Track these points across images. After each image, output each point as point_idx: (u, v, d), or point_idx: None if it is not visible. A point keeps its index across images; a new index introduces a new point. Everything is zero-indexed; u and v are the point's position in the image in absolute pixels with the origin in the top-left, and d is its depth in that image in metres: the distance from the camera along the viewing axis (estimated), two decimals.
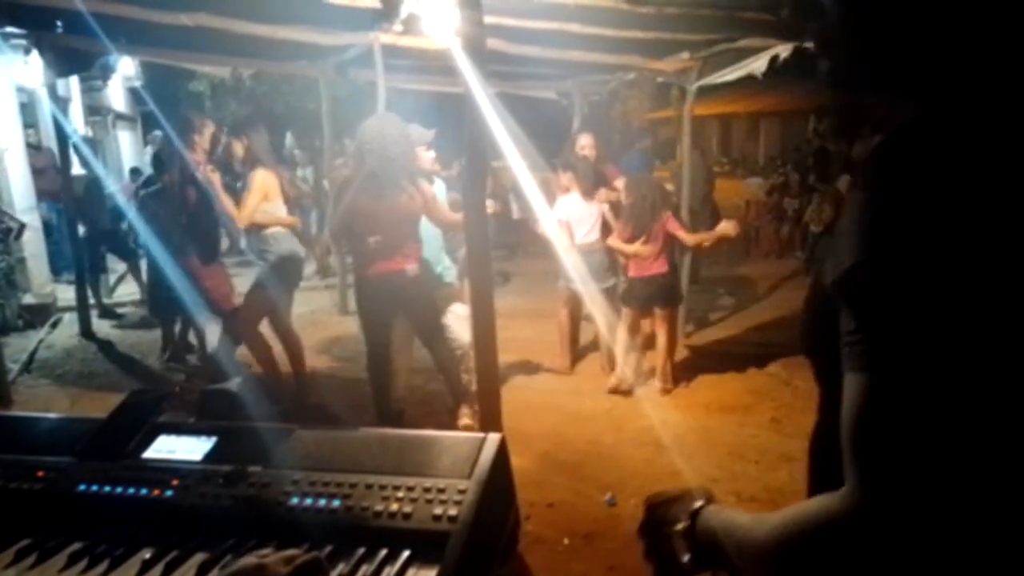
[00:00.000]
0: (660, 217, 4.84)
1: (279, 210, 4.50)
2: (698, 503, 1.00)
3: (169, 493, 1.18)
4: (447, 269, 4.61)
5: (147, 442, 1.31)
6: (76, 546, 1.12)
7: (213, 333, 4.88)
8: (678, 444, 4.15)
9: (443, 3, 3.47)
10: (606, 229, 5.14)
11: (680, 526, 0.99)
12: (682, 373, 5.15)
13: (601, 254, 5.15)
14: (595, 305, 5.19)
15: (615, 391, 4.94)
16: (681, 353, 5.33)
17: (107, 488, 1.20)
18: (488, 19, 3.81)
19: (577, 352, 5.59)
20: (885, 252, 0.69)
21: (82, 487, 1.20)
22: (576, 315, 5.44)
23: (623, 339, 5.05)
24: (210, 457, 1.27)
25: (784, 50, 5.02)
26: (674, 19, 4.34)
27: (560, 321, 5.40)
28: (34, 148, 8.40)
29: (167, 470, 1.24)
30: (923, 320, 0.67)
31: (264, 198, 4.39)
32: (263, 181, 4.40)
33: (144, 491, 1.19)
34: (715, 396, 4.90)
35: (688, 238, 5.10)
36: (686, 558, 0.96)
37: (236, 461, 1.23)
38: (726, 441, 4.21)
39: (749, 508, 3.45)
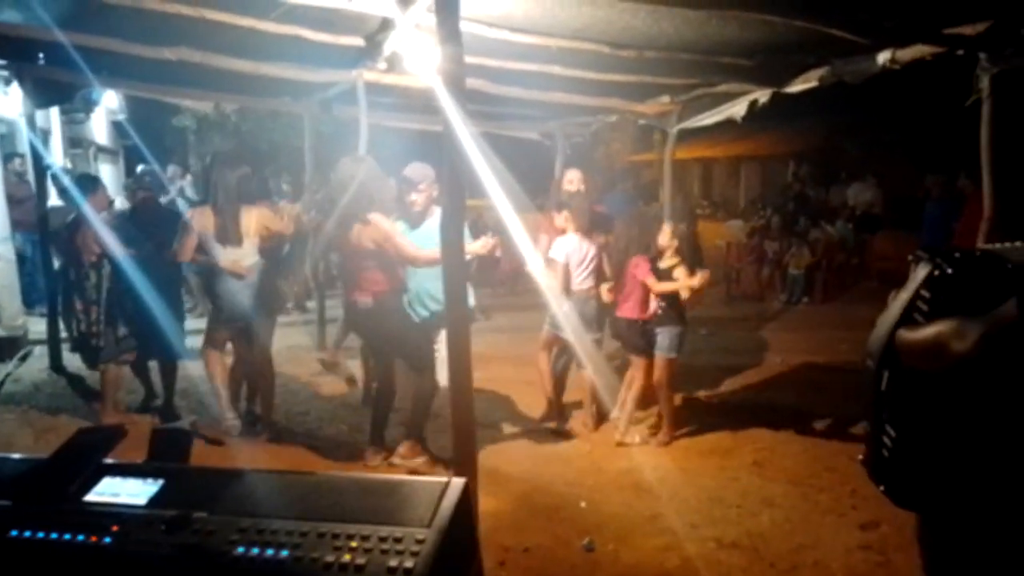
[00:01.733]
0: (632, 259, 4.69)
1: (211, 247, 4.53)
2: None
3: (107, 540, 1.11)
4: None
5: (90, 484, 1.24)
6: None
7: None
8: (658, 487, 4.08)
9: (425, 41, 3.49)
10: (600, 274, 4.87)
11: None
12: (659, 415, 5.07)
13: (595, 302, 4.84)
14: (585, 357, 4.79)
15: (620, 444, 4.73)
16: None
17: (41, 534, 1.12)
18: (471, 59, 3.84)
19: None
20: None
21: (14, 532, 1.13)
22: (559, 360, 5.02)
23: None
24: (155, 501, 1.20)
25: (763, 95, 5.10)
26: (654, 63, 4.38)
27: (541, 368, 4.97)
28: (17, 177, 8.31)
29: (108, 515, 1.16)
30: None
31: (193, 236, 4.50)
32: (195, 219, 4.53)
33: (81, 538, 1.11)
34: (696, 438, 4.83)
35: (655, 285, 4.62)
36: None
37: (182, 506, 1.16)
38: (706, 484, 4.13)
39: (730, 555, 3.38)
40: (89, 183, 5.24)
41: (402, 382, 4.48)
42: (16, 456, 1.37)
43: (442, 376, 4.26)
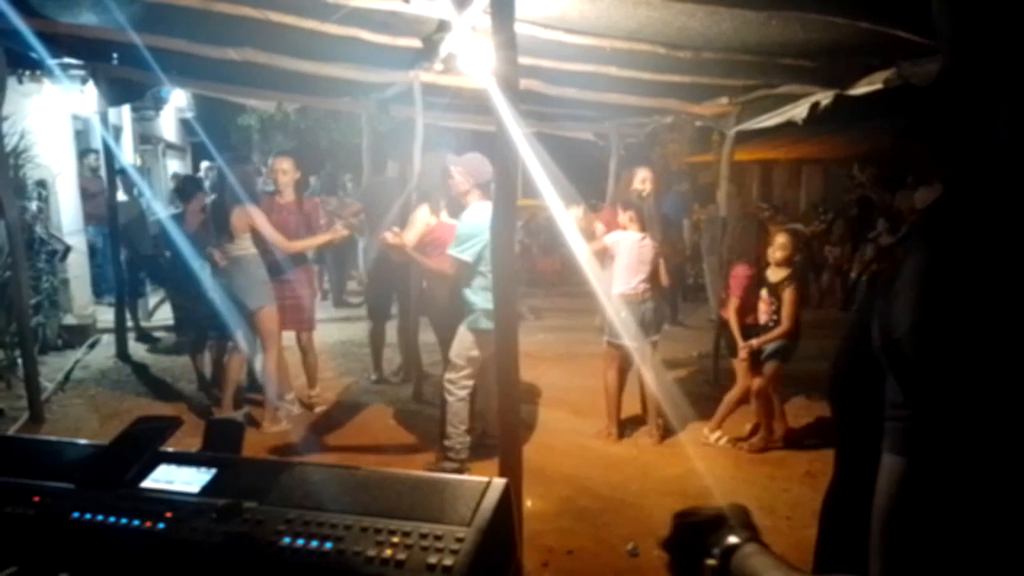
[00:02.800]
0: (736, 266, 4.82)
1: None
2: (733, 539, 0.90)
3: (161, 526, 1.15)
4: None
5: (146, 471, 1.29)
6: None
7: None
8: (706, 495, 4.00)
9: (480, 43, 3.51)
10: (657, 278, 4.76)
11: (711, 562, 0.90)
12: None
13: (652, 303, 4.72)
14: (644, 362, 4.67)
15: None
16: (710, 401, 5.14)
17: (99, 517, 1.17)
18: (526, 60, 3.86)
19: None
20: (944, 324, 0.61)
21: (76, 515, 1.18)
22: (624, 374, 4.89)
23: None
24: (208, 490, 1.24)
25: (825, 97, 4.96)
26: (712, 64, 4.31)
27: (608, 384, 4.85)
28: (93, 172, 8.69)
29: (162, 501, 1.21)
30: (982, 405, 0.59)
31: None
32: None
33: (136, 523, 1.16)
34: (746, 447, 4.73)
35: (741, 344, 4.76)
36: None
37: (233, 495, 1.20)
38: (756, 494, 4.05)
39: None
40: (192, 186, 5.63)
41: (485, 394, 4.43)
42: (80, 442, 1.44)
43: None
